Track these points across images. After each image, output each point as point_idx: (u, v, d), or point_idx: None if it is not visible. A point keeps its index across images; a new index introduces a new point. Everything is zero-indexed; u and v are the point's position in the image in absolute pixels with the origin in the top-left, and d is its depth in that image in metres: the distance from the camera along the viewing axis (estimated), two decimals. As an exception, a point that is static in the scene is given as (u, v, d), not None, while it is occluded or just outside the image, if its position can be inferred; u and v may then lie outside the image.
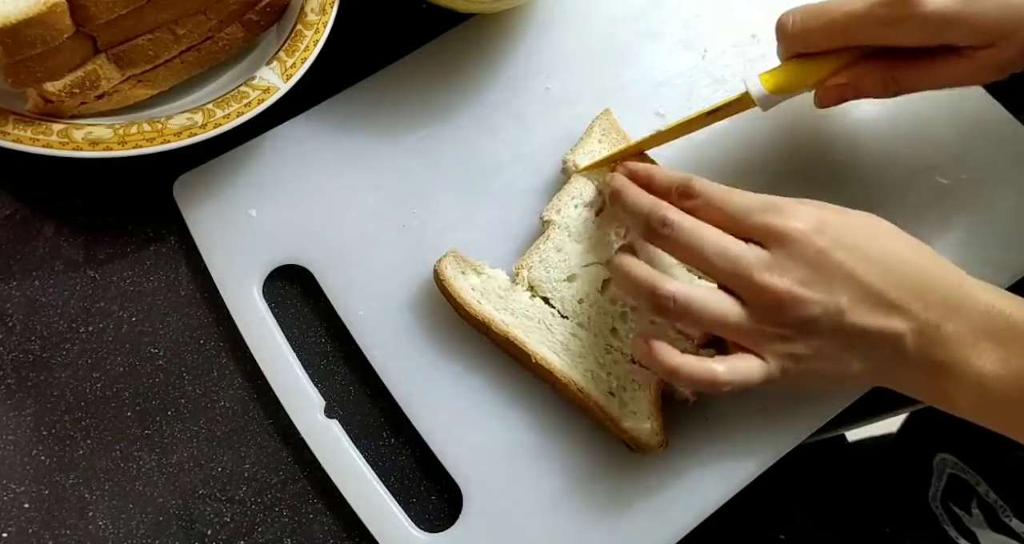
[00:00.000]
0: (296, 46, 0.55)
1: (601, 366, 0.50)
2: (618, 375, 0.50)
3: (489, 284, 0.52)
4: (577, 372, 0.50)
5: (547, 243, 0.52)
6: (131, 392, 0.52)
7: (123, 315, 0.54)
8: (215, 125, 0.52)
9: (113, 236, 0.56)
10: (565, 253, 0.52)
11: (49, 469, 0.50)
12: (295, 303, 0.55)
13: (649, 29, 0.62)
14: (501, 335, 0.50)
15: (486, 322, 0.50)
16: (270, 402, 0.52)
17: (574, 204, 0.53)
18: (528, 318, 0.51)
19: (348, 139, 0.58)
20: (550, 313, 0.51)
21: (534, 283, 0.52)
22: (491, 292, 0.51)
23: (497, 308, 0.51)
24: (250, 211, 0.56)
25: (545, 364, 0.49)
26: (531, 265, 0.52)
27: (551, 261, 0.52)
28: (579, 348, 0.50)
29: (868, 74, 0.49)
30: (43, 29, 0.47)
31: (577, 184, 0.54)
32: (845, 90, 0.49)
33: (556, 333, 0.51)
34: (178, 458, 0.51)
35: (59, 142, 0.50)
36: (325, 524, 0.50)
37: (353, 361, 0.53)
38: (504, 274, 0.52)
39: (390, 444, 0.52)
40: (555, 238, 0.53)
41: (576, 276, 0.52)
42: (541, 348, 0.50)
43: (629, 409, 0.49)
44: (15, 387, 0.52)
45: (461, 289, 0.51)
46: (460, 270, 0.52)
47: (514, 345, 0.50)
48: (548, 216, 0.53)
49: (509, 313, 0.51)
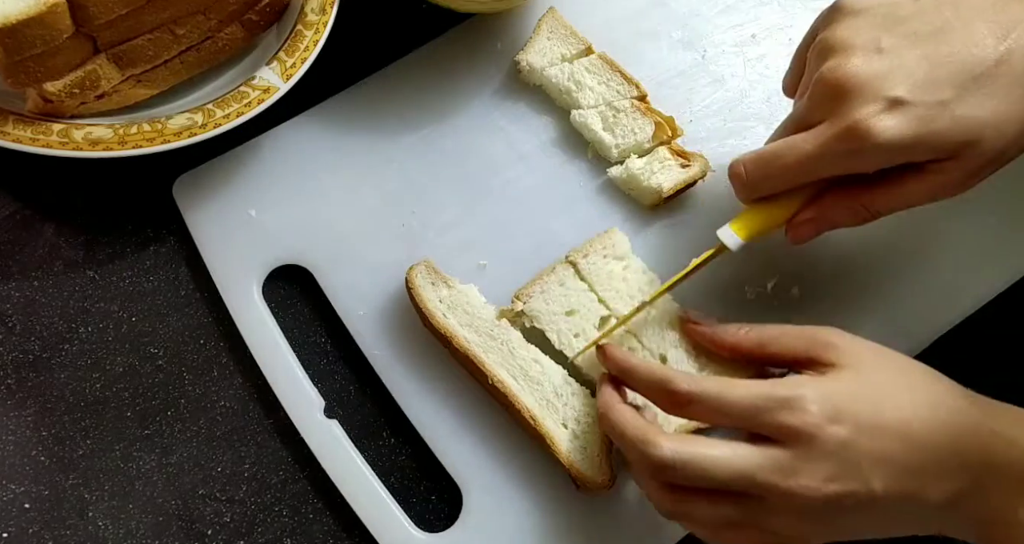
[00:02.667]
0: (296, 46, 0.55)
1: (558, 396, 0.49)
2: (574, 406, 0.49)
3: (457, 298, 0.51)
4: (532, 399, 0.49)
5: (551, 276, 0.52)
6: (131, 392, 0.52)
7: (123, 315, 0.54)
8: (215, 125, 0.52)
9: (113, 236, 0.56)
10: (568, 288, 0.52)
11: (49, 469, 0.50)
12: (295, 303, 0.55)
13: (649, 29, 0.62)
14: (461, 351, 0.49)
15: (448, 336, 0.50)
16: (270, 402, 0.52)
17: (603, 255, 0.53)
18: (492, 338, 0.50)
19: (348, 139, 0.58)
20: (517, 336, 0.50)
21: (531, 314, 0.51)
22: (458, 307, 0.51)
23: (461, 324, 0.50)
24: (250, 211, 0.56)
25: (501, 386, 0.49)
26: (531, 295, 0.51)
27: (551, 294, 0.51)
28: (538, 375, 0.49)
29: (836, 206, 0.46)
30: (43, 29, 0.47)
31: (612, 237, 0.53)
32: (817, 224, 0.47)
33: (517, 357, 0.50)
34: (178, 458, 0.51)
35: (59, 142, 0.50)
36: (325, 524, 0.50)
37: (353, 361, 0.53)
38: (475, 290, 0.52)
39: (390, 444, 0.52)
40: (560, 272, 0.52)
41: (576, 313, 0.51)
42: (499, 370, 0.49)
43: (579, 443, 0.48)
44: (15, 387, 0.52)
45: (428, 300, 0.51)
46: (430, 280, 0.51)
47: (472, 363, 0.49)
48: (574, 259, 0.52)
49: (472, 330, 0.50)
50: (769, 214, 0.47)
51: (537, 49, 0.58)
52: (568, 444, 0.48)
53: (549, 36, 0.59)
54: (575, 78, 0.57)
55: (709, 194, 0.56)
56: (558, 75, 0.58)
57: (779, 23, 0.62)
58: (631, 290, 0.52)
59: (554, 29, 0.59)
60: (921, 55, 0.42)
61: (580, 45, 0.59)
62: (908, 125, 0.41)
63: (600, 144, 0.56)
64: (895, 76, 0.42)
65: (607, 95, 0.57)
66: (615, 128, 0.56)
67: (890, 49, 0.42)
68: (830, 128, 0.43)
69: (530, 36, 0.59)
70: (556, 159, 0.58)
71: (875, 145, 0.41)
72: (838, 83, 0.42)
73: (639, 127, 0.56)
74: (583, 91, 0.57)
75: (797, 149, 0.44)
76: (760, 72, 0.60)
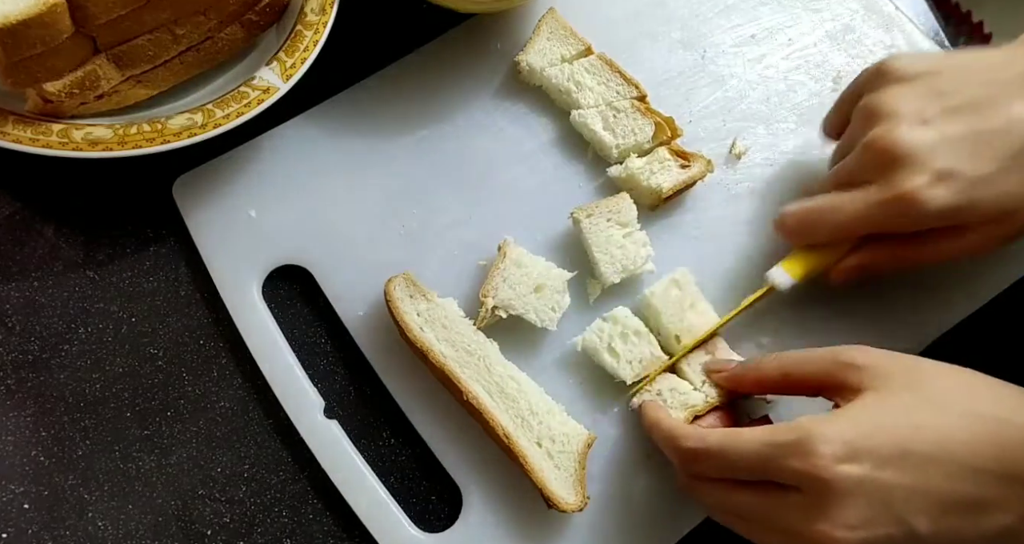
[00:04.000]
0: (296, 46, 0.55)
1: (533, 414, 0.49)
2: (549, 425, 0.49)
3: (435, 313, 0.51)
4: (507, 416, 0.48)
5: (504, 262, 0.51)
6: (131, 392, 0.52)
7: (123, 315, 0.54)
8: (215, 125, 0.52)
9: (113, 236, 0.56)
10: (526, 267, 0.51)
11: (49, 470, 0.50)
12: (295, 303, 0.55)
13: (649, 29, 0.62)
14: (437, 366, 0.49)
15: (424, 350, 0.49)
16: (270, 402, 0.52)
17: (607, 218, 0.53)
18: (468, 354, 0.50)
19: (348, 139, 0.58)
20: (495, 352, 0.50)
21: (503, 305, 0.50)
22: (436, 321, 0.50)
23: (439, 338, 0.50)
24: (250, 211, 0.56)
25: (475, 403, 0.48)
26: (495, 287, 0.51)
27: (513, 278, 0.51)
28: (514, 392, 0.49)
29: (879, 255, 0.48)
30: (43, 29, 0.47)
31: (621, 202, 0.53)
32: (860, 271, 0.49)
33: (494, 373, 0.49)
34: (177, 459, 0.51)
35: (59, 142, 0.50)
36: (325, 524, 0.50)
37: (353, 361, 0.53)
38: (455, 304, 0.51)
39: (390, 444, 0.52)
40: (511, 255, 0.52)
41: (543, 286, 0.51)
42: (474, 385, 0.49)
43: (552, 463, 0.48)
44: (15, 388, 0.52)
45: (406, 313, 0.50)
46: (409, 293, 0.51)
47: (448, 378, 0.49)
48: (578, 216, 0.53)
49: (449, 345, 0.50)
50: (818, 257, 0.49)
51: (537, 50, 0.58)
52: (541, 463, 0.47)
53: (549, 37, 0.59)
54: (575, 78, 0.57)
55: (709, 193, 0.57)
56: (558, 76, 0.58)
57: (779, 23, 0.62)
58: (625, 259, 0.52)
59: (554, 30, 0.59)
60: (964, 130, 0.45)
61: (580, 45, 0.59)
62: (954, 196, 0.44)
63: (600, 144, 0.56)
64: (941, 149, 0.44)
65: (607, 95, 0.57)
66: (615, 128, 0.56)
67: (935, 121, 0.45)
68: (880, 193, 0.45)
69: (530, 36, 0.59)
70: (556, 159, 0.58)
71: (924, 213, 0.44)
72: (887, 150, 0.45)
73: (639, 127, 0.56)
74: (583, 91, 0.57)
75: (844, 212, 0.47)
76: (760, 72, 0.60)
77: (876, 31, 0.62)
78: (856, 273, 0.49)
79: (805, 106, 0.60)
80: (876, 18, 0.62)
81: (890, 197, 0.45)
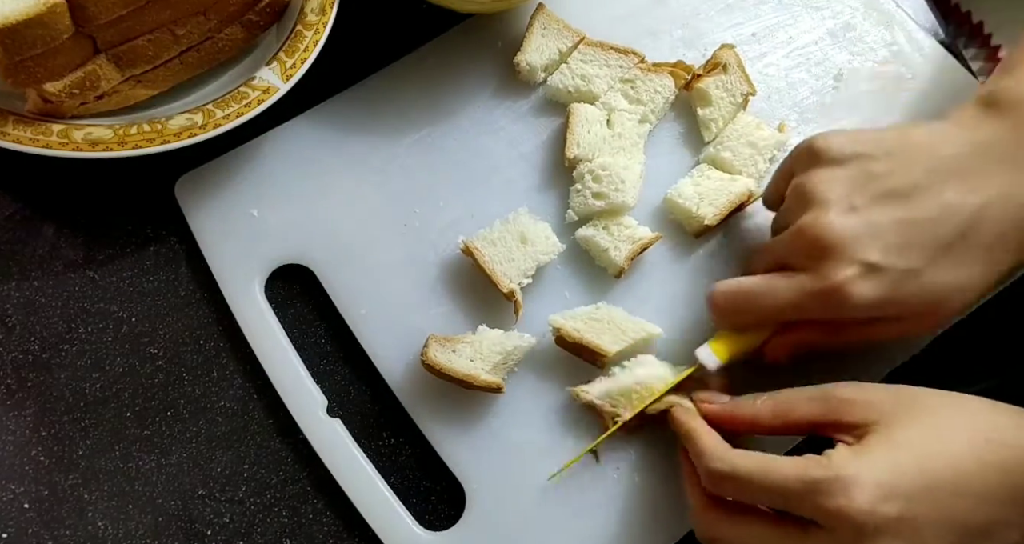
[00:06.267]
0: (296, 46, 0.55)
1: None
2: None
3: (483, 348, 0.50)
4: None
5: (497, 225, 0.53)
6: (131, 392, 0.52)
7: (123, 315, 0.54)
8: (215, 125, 0.52)
9: (113, 236, 0.56)
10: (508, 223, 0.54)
11: (49, 470, 0.50)
12: (297, 303, 0.55)
13: (650, 28, 0.62)
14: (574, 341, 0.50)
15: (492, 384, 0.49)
16: (270, 402, 0.52)
17: (587, 130, 0.54)
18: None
19: (349, 139, 0.58)
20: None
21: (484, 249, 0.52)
22: (488, 356, 0.50)
23: (505, 365, 0.50)
24: (252, 211, 0.56)
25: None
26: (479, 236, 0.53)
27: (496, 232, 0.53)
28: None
29: (811, 336, 0.47)
30: (43, 29, 0.47)
31: (583, 112, 0.56)
32: (793, 349, 0.48)
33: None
34: (177, 458, 0.51)
35: (59, 142, 0.50)
36: (325, 524, 0.50)
37: (355, 360, 0.53)
38: (487, 328, 0.51)
39: (392, 443, 0.52)
40: (498, 226, 0.53)
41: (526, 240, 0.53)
42: (614, 347, 0.49)
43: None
44: (15, 387, 0.52)
45: (463, 367, 0.49)
46: (451, 349, 0.50)
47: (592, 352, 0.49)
48: (572, 153, 0.54)
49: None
50: (746, 339, 0.48)
51: (534, 47, 0.58)
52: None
53: (543, 32, 0.59)
54: (578, 74, 0.58)
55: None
56: (563, 80, 0.58)
57: (779, 22, 0.62)
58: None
59: (546, 25, 0.59)
60: (893, 219, 0.44)
61: (574, 37, 0.59)
62: (881, 289, 0.43)
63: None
64: (869, 239, 0.44)
65: (614, 74, 0.58)
66: (641, 96, 0.57)
67: (864, 208, 0.44)
68: (811, 283, 0.44)
69: (524, 35, 0.59)
70: (557, 158, 0.58)
71: (852, 306, 0.43)
72: (817, 240, 0.44)
73: (659, 85, 0.57)
74: (593, 82, 0.58)
75: (774, 295, 0.46)
76: (760, 71, 0.60)
77: (877, 29, 0.62)
78: (790, 351, 0.48)
79: (806, 104, 0.59)
80: (877, 16, 0.62)
81: (819, 289, 0.44)
